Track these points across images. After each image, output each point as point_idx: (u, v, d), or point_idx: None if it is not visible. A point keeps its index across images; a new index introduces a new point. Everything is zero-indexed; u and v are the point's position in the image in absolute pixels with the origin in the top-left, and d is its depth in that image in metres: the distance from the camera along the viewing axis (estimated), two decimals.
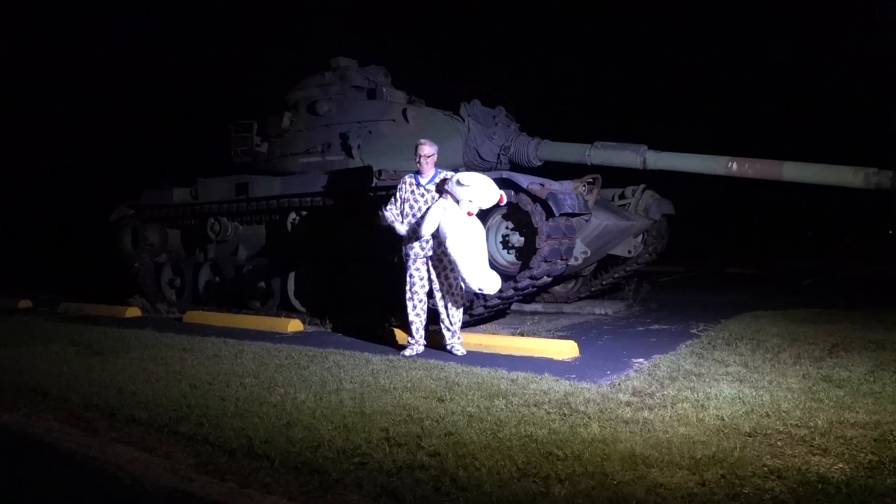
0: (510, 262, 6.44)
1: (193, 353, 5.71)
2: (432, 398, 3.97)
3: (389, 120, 8.17)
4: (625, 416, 3.56)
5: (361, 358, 5.34)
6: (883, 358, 4.99)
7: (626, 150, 7.64)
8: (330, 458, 2.99)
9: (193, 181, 8.98)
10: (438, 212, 5.31)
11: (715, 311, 8.01)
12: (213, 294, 9.00)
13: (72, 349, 6.05)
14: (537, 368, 4.77)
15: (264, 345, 6.05)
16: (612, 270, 8.79)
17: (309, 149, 8.53)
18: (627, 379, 4.47)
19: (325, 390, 4.24)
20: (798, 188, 7.47)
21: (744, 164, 7.06)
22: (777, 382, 4.25)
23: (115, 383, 4.56)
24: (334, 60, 9.05)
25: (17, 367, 5.25)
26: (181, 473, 2.97)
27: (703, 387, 4.14)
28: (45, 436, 3.64)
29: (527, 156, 8.14)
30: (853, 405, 3.70)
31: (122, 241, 9.76)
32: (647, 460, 2.87)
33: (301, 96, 8.80)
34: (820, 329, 6.37)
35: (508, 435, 3.23)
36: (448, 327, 5.68)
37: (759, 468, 2.78)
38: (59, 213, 23.97)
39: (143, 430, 3.59)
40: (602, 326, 7.23)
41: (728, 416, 3.48)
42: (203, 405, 3.90)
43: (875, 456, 2.91)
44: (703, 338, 6.11)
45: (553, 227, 5.97)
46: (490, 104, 8.44)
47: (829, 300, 9.14)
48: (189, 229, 9.51)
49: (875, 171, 6.35)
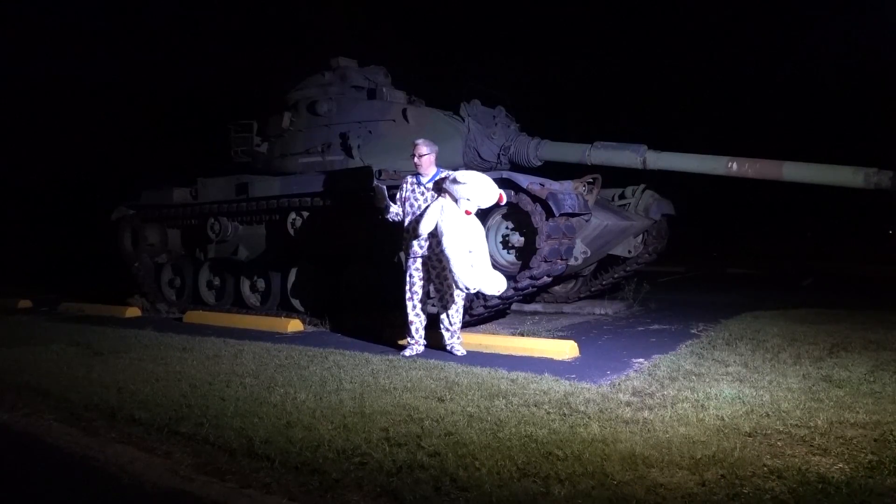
0: (510, 262, 6.45)
1: (193, 353, 5.71)
2: (432, 398, 3.97)
3: (389, 120, 8.18)
4: (625, 416, 3.56)
5: (361, 358, 5.34)
6: (883, 358, 4.99)
7: (626, 150, 7.64)
8: (330, 458, 2.99)
9: (193, 181, 8.98)
10: (436, 211, 5.31)
11: (715, 311, 8.01)
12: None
13: (72, 349, 6.05)
14: (537, 368, 4.77)
15: (264, 345, 6.05)
16: (612, 270, 8.79)
17: (309, 149, 8.53)
18: (627, 379, 4.47)
19: (325, 390, 4.24)
20: (798, 188, 7.47)
21: (744, 164, 7.06)
22: (777, 382, 4.25)
23: (115, 383, 4.56)
24: (334, 60, 9.05)
25: (17, 367, 5.25)
26: (181, 473, 2.97)
27: (703, 387, 4.14)
28: (45, 436, 3.63)
29: (527, 156, 8.14)
30: (853, 405, 3.70)
31: (122, 241, 9.76)
32: (647, 460, 2.87)
33: (301, 96, 8.80)
34: (820, 329, 6.37)
35: (508, 435, 3.23)
36: (447, 327, 5.68)
37: (759, 468, 2.78)
38: (59, 213, 23.96)
39: (143, 430, 3.59)
40: (602, 326, 7.23)
41: (728, 416, 3.48)
42: (203, 405, 3.90)
43: (875, 456, 2.91)
44: (703, 338, 6.11)
45: (553, 227, 5.97)
46: (490, 104, 8.44)
47: (829, 300, 9.14)
48: (189, 229, 9.51)
49: (875, 171, 6.35)
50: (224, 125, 9.30)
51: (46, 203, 24.65)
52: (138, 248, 9.61)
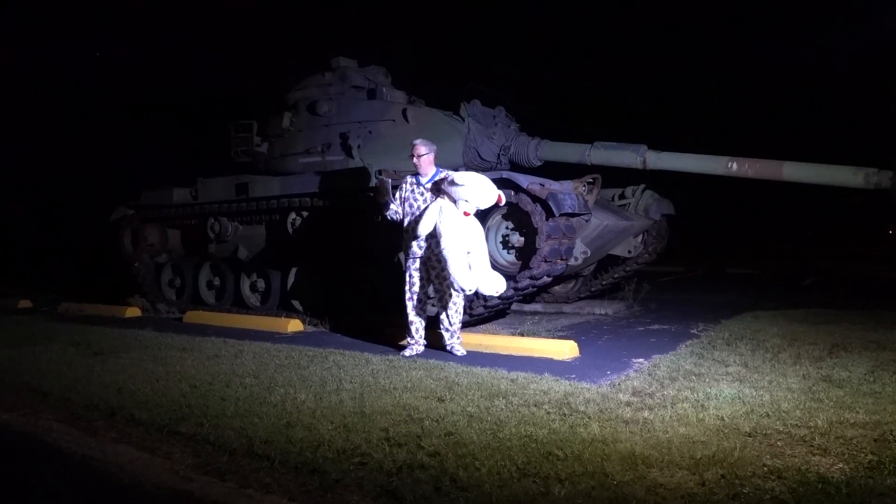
0: (510, 262, 6.44)
1: (193, 353, 5.71)
2: (432, 398, 3.97)
3: (389, 120, 8.18)
4: (625, 416, 3.56)
5: (361, 358, 5.34)
6: (883, 358, 4.99)
7: (626, 150, 7.64)
8: (330, 458, 2.99)
9: (193, 181, 8.98)
10: (435, 212, 5.31)
11: (715, 311, 8.01)
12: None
13: (72, 349, 6.05)
14: (537, 368, 4.77)
15: (264, 345, 6.05)
16: (612, 270, 8.79)
17: (309, 149, 8.53)
18: (627, 379, 4.47)
19: (325, 390, 4.24)
20: (798, 188, 7.47)
21: (744, 164, 7.06)
22: (777, 382, 4.25)
23: (115, 383, 4.56)
24: (334, 60, 9.05)
25: (17, 367, 5.25)
26: (181, 473, 2.97)
27: (703, 387, 4.14)
28: (45, 436, 3.63)
29: (527, 156, 8.14)
30: (853, 405, 3.69)
31: (122, 241, 9.75)
32: (647, 460, 2.87)
33: (301, 96, 8.80)
34: (820, 329, 6.37)
35: (508, 435, 3.23)
36: (447, 328, 5.68)
37: (759, 468, 2.78)
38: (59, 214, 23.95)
39: (143, 430, 3.58)
40: (602, 326, 7.23)
41: (728, 416, 3.48)
42: (203, 405, 3.90)
43: (875, 456, 2.91)
44: (703, 338, 6.11)
45: (553, 227, 5.97)
46: (490, 104, 8.44)
47: (829, 300, 9.14)
48: (189, 229, 9.50)
49: (875, 171, 6.35)
50: (224, 125, 9.29)
51: (46, 203, 24.65)
52: (138, 248, 9.61)
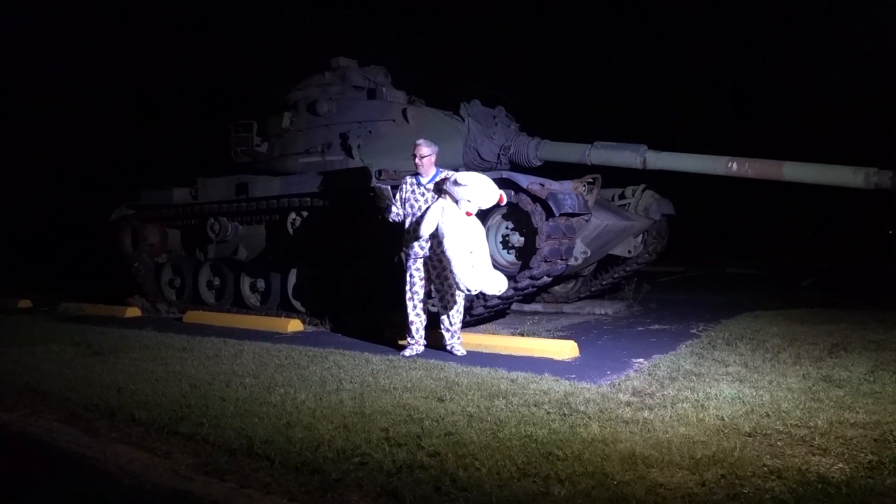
0: (510, 262, 6.44)
1: (193, 353, 5.71)
2: (432, 398, 3.97)
3: (389, 120, 8.18)
4: (625, 416, 3.56)
5: (361, 358, 5.34)
6: (883, 358, 4.99)
7: (625, 150, 7.63)
8: (330, 458, 2.99)
9: (193, 181, 8.98)
10: (437, 212, 5.31)
11: (715, 311, 8.01)
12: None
13: (72, 349, 6.05)
14: (537, 368, 4.77)
15: (264, 345, 6.05)
16: (612, 270, 8.79)
17: (309, 149, 8.53)
18: (627, 379, 4.47)
19: (325, 390, 4.24)
20: (798, 188, 7.47)
21: (744, 164, 7.05)
22: (777, 382, 4.25)
23: (115, 383, 4.56)
24: (334, 60, 9.05)
25: (17, 367, 5.25)
26: (181, 473, 2.97)
27: (703, 387, 4.14)
28: (45, 436, 3.63)
29: (527, 156, 8.13)
30: (853, 405, 3.70)
31: (122, 241, 9.75)
32: (647, 460, 2.87)
33: (301, 96, 8.80)
34: (820, 329, 6.37)
35: (508, 435, 3.23)
36: (448, 328, 5.68)
37: (759, 468, 2.78)
38: (59, 213, 23.95)
39: (143, 430, 3.58)
40: (602, 326, 7.23)
41: (728, 416, 3.48)
42: (203, 405, 3.90)
43: (875, 456, 2.91)
44: (703, 338, 6.11)
45: (553, 227, 5.97)
46: (490, 104, 8.43)
47: (829, 300, 9.14)
48: (189, 229, 9.50)
49: (875, 171, 6.35)
50: (224, 125, 9.29)
51: (46, 203, 24.64)
52: (138, 248, 9.61)
